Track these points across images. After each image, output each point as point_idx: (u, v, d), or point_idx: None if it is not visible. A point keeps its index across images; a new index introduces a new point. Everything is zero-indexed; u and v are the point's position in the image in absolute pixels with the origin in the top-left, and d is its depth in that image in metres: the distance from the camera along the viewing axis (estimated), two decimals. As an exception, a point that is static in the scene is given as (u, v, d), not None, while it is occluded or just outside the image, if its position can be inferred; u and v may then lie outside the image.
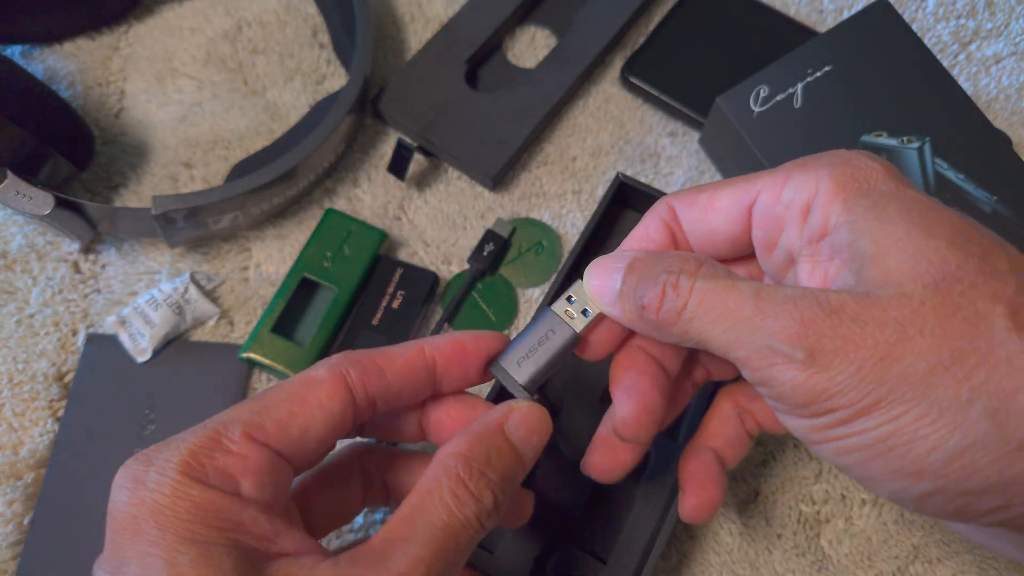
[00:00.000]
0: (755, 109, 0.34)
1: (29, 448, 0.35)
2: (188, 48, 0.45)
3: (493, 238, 0.39)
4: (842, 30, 0.37)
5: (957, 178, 0.34)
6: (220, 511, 0.21)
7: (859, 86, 0.35)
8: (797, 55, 0.36)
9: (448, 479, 0.22)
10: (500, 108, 0.42)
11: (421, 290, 0.38)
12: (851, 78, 0.35)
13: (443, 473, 0.23)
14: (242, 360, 0.37)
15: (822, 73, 0.35)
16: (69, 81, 0.44)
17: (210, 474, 0.21)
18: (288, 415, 0.23)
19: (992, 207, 0.33)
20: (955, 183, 0.34)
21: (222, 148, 0.42)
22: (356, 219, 0.39)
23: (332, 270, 0.38)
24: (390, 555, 0.21)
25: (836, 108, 0.35)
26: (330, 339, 0.37)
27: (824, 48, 0.36)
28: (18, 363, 0.37)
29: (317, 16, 0.46)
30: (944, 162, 0.34)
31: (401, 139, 0.40)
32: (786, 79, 0.35)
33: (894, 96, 0.35)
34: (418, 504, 0.22)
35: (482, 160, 0.40)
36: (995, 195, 0.33)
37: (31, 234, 0.40)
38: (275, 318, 0.37)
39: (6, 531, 0.34)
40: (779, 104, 0.34)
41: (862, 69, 0.36)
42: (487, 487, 0.23)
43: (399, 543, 0.21)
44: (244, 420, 0.22)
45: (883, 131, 0.34)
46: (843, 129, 0.34)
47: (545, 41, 0.45)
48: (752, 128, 0.34)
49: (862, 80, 0.35)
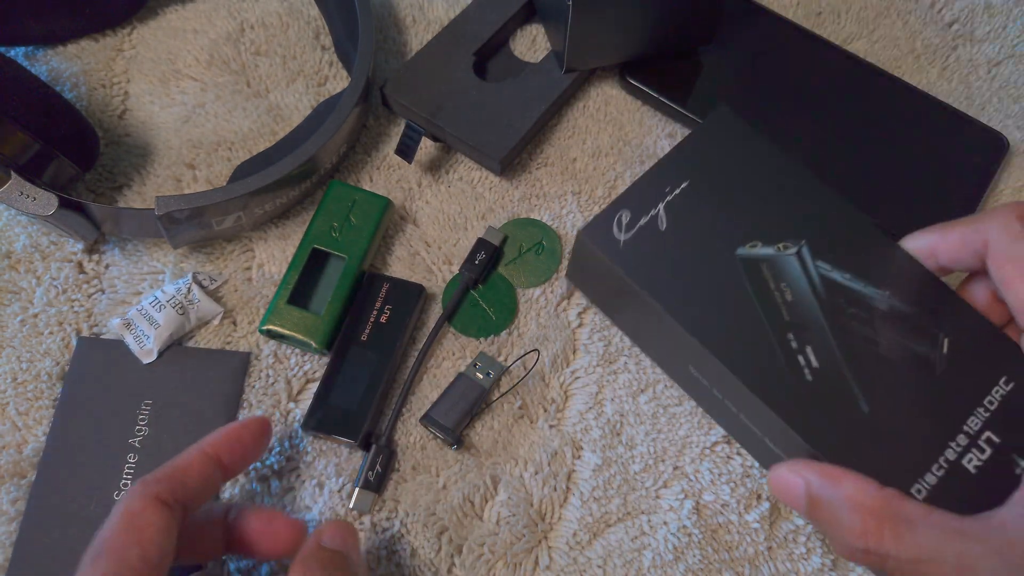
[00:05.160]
0: (620, 238, 0.32)
1: (33, 447, 0.36)
2: (191, 50, 0.45)
3: (484, 247, 0.40)
4: (691, 142, 0.35)
5: (844, 278, 0.32)
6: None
7: (720, 197, 0.33)
8: (653, 173, 0.34)
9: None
10: (508, 95, 0.42)
11: (409, 304, 0.38)
12: (710, 190, 0.33)
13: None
14: (263, 332, 0.37)
15: (680, 191, 0.33)
16: (73, 82, 0.44)
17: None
18: (130, 548, 0.27)
19: (888, 303, 0.31)
20: (844, 284, 0.31)
21: (225, 149, 0.43)
22: (360, 188, 0.40)
23: (341, 239, 0.39)
24: None
25: (703, 224, 0.33)
26: (344, 306, 0.38)
27: (677, 163, 0.34)
28: (22, 362, 0.37)
29: (319, 18, 0.46)
30: (825, 264, 0.32)
31: (409, 122, 0.41)
32: (646, 201, 0.33)
33: (758, 201, 0.33)
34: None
35: (490, 144, 0.41)
36: (886, 290, 0.31)
37: (35, 234, 0.40)
38: (290, 290, 0.38)
39: (9, 529, 0.34)
40: (644, 228, 0.32)
41: (719, 179, 0.34)
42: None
43: None
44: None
45: (757, 241, 0.32)
46: (716, 245, 0.32)
47: (548, 40, 0.46)
48: (621, 258, 0.32)
49: (722, 191, 0.33)
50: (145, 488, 0.28)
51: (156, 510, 0.27)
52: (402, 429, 0.37)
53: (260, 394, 0.37)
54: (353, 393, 0.36)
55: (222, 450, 0.31)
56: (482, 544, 0.35)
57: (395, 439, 0.37)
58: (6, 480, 0.35)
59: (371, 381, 0.36)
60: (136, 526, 0.27)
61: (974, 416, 0.29)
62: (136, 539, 0.27)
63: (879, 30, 0.47)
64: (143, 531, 0.27)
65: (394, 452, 0.36)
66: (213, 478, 0.30)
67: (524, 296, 0.40)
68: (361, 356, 0.37)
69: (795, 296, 0.31)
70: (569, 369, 0.38)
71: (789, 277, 0.32)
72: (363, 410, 0.36)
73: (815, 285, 0.31)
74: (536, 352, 0.38)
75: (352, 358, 0.37)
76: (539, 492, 0.36)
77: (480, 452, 0.36)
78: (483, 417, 0.37)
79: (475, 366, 0.37)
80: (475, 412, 0.36)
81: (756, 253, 0.32)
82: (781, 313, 0.31)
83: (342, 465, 0.36)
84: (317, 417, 0.36)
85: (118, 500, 0.29)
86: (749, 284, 0.31)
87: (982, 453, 0.29)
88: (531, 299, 0.40)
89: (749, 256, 0.32)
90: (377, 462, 0.35)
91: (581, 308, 0.39)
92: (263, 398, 0.37)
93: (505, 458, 0.36)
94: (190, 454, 0.30)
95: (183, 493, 0.29)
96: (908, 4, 0.47)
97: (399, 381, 0.38)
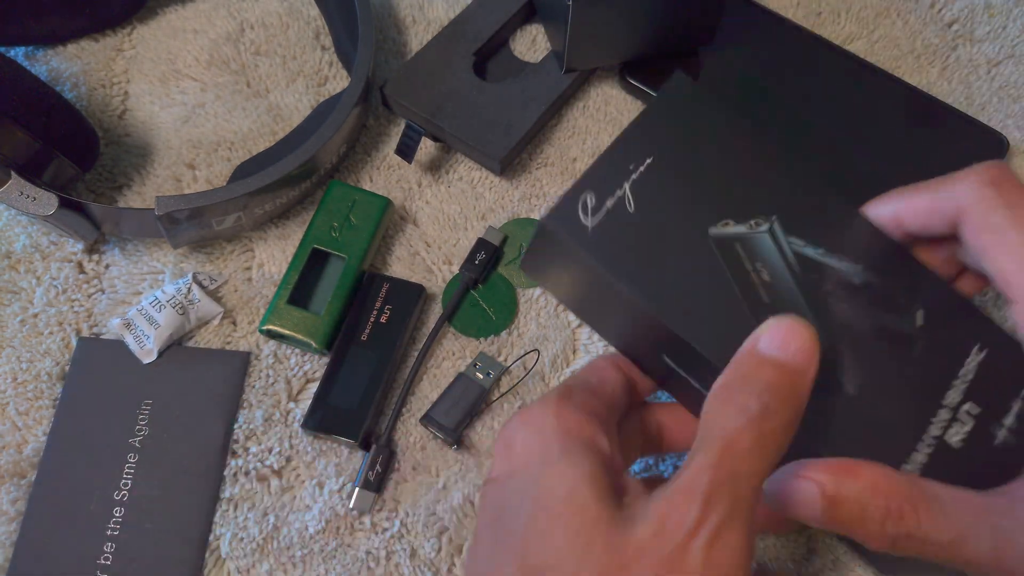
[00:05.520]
0: (588, 224, 0.30)
1: (33, 447, 0.36)
2: (191, 50, 0.45)
3: (484, 247, 0.40)
4: (650, 114, 0.32)
5: (817, 254, 0.31)
6: (585, 428, 0.27)
7: (686, 172, 0.31)
8: (614, 150, 0.31)
9: (715, 402, 0.25)
10: (508, 95, 0.42)
11: (409, 304, 0.38)
12: (676, 165, 0.31)
13: (710, 401, 0.26)
14: (263, 332, 0.37)
15: (644, 168, 0.31)
16: (73, 82, 0.44)
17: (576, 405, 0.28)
18: (597, 382, 0.30)
19: (862, 277, 0.30)
20: (817, 260, 0.30)
21: (225, 149, 0.43)
22: (360, 188, 0.40)
23: (341, 239, 0.39)
24: (686, 466, 0.24)
25: (672, 203, 0.31)
26: (344, 306, 0.38)
27: (638, 138, 0.32)
28: (22, 362, 0.37)
29: (319, 18, 0.46)
30: (798, 239, 0.31)
31: (409, 122, 0.41)
32: (611, 181, 0.31)
33: (724, 174, 0.32)
34: (700, 431, 0.25)
35: (490, 143, 0.41)
36: (859, 264, 0.31)
37: (35, 234, 0.40)
38: (290, 290, 0.38)
39: (9, 529, 0.34)
40: (612, 212, 0.30)
41: (683, 153, 0.32)
42: (750, 397, 0.24)
43: (691, 455, 0.24)
44: (570, 385, 0.29)
45: (728, 219, 0.31)
46: (688, 225, 0.31)
47: (548, 41, 0.46)
48: (592, 246, 0.29)
49: (687, 165, 0.32)
50: (604, 357, 0.31)
51: (616, 370, 0.31)
52: (402, 429, 0.37)
53: (260, 394, 0.37)
54: (353, 393, 0.36)
55: (626, 365, 0.32)
56: (482, 544, 0.35)
57: (395, 439, 0.37)
58: (6, 480, 0.35)
59: (371, 381, 0.36)
60: (601, 376, 0.30)
61: (952, 389, 0.29)
62: (600, 379, 0.30)
63: (879, 30, 0.47)
64: (607, 380, 0.30)
65: (394, 452, 0.36)
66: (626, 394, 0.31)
67: (524, 296, 0.40)
68: (361, 356, 0.37)
69: (772, 276, 0.30)
70: (569, 369, 0.38)
71: (763, 256, 0.30)
72: (363, 410, 0.36)
73: (790, 263, 0.30)
74: (536, 352, 0.38)
75: (352, 358, 0.37)
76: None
77: (480, 452, 0.36)
78: (483, 417, 0.37)
79: (475, 366, 0.37)
80: (475, 412, 0.36)
81: (728, 232, 0.31)
82: (760, 295, 0.30)
83: (342, 465, 0.36)
84: (317, 417, 0.36)
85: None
86: (725, 265, 0.30)
87: (964, 426, 0.28)
88: (531, 299, 0.40)
89: (722, 235, 0.30)
90: (377, 462, 0.35)
91: (581, 308, 0.39)
92: (263, 398, 0.37)
93: (505, 458, 0.36)
94: (603, 358, 0.32)
95: (628, 370, 0.31)
96: (908, 4, 0.47)
97: (399, 381, 0.38)
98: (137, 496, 0.35)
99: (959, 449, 0.28)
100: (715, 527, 0.22)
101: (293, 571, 0.34)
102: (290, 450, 0.36)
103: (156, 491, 0.35)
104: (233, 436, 0.36)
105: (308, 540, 0.35)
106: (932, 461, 0.28)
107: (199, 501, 0.35)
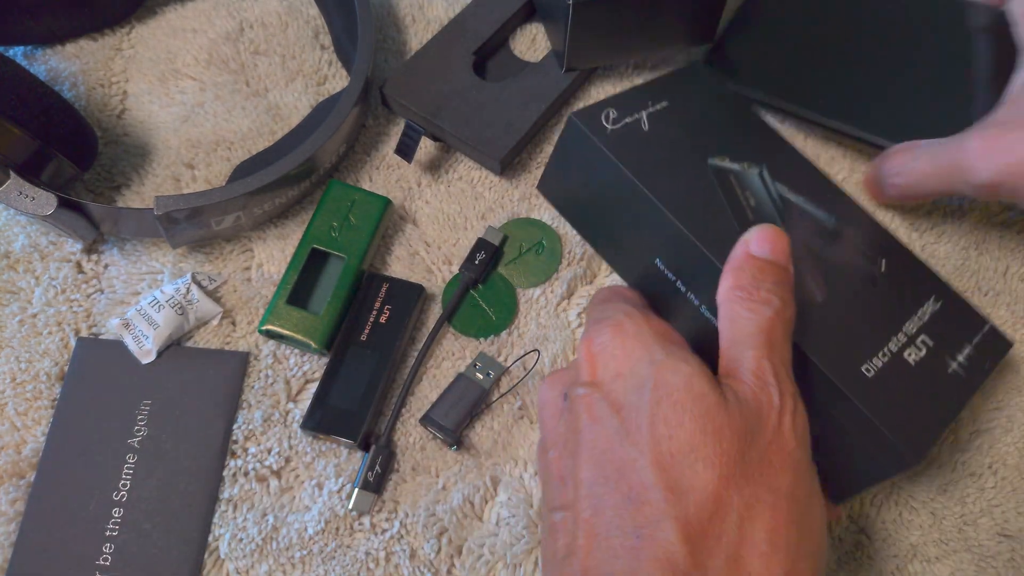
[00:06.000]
0: (608, 127, 0.35)
1: (32, 447, 0.36)
2: (190, 49, 0.45)
3: (484, 246, 0.40)
4: (668, 79, 0.38)
5: (798, 200, 0.36)
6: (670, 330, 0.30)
7: (695, 121, 0.37)
8: (635, 90, 0.37)
9: (738, 303, 0.29)
10: (508, 95, 0.42)
11: (409, 304, 0.38)
12: (686, 113, 0.37)
13: (732, 302, 0.29)
14: (262, 332, 0.37)
15: (660, 107, 0.37)
16: (72, 82, 0.44)
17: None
18: (636, 299, 0.34)
19: (835, 226, 0.36)
20: (798, 204, 0.36)
21: (224, 149, 0.43)
22: (359, 188, 0.40)
23: (340, 239, 0.39)
24: (738, 359, 0.28)
25: (680, 136, 0.36)
26: (344, 306, 0.38)
27: (658, 88, 0.38)
28: (21, 363, 0.37)
29: (318, 18, 0.46)
30: (784, 185, 0.36)
31: (409, 122, 0.41)
32: (630, 107, 0.36)
33: (728, 132, 0.37)
34: (730, 335, 0.29)
35: (490, 143, 0.41)
36: (834, 216, 0.36)
37: (34, 234, 0.40)
38: (289, 290, 0.38)
39: (8, 530, 0.34)
40: (629, 126, 0.36)
41: (694, 111, 0.37)
42: (769, 294, 0.29)
43: (736, 347, 0.28)
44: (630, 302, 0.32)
45: (726, 156, 0.36)
46: (691, 153, 0.36)
47: (548, 40, 0.46)
48: (609, 142, 0.35)
49: (696, 116, 0.37)
50: (612, 287, 0.36)
51: (630, 293, 0.35)
52: (402, 429, 0.37)
53: (259, 394, 0.37)
54: (352, 393, 0.36)
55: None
56: (482, 545, 0.35)
57: (395, 439, 0.37)
58: (5, 480, 0.35)
59: (370, 381, 0.36)
60: (631, 295, 0.34)
61: (910, 321, 0.33)
62: (634, 298, 0.34)
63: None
64: (637, 298, 0.34)
65: (394, 453, 0.36)
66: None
67: (524, 296, 0.40)
68: (360, 356, 0.37)
69: (758, 204, 0.35)
70: (569, 369, 0.38)
71: (752, 189, 0.35)
72: (362, 410, 0.36)
73: (774, 199, 0.35)
74: (536, 352, 0.38)
75: (351, 358, 0.37)
76: (539, 493, 0.36)
77: (480, 452, 0.36)
78: (483, 417, 0.37)
79: (475, 366, 0.37)
80: (475, 412, 0.36)
81: (725, 165, 0.36)
82: (747, 215, 0.34)
83: (341, 465, 0.36)
84: (316, 417, 0.36)
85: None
86: (719, 187, 0.35)
87: (919, 351, 0.32)
88: (531, 299, 0.39)
89: (720, 167, 0.35)
90: (376, 462, 0.35)
91: (581, 308, 0.39)
92: (262, 398, 0.37)
93: (505, 459, 0.36)
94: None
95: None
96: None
97: (399, 381, 0.38)
98: (136, 497, 0.35)
99: (914, 366, 0.32)
100: (791, 405, 0.27)
101: (292, 572, 0.34)
102: (289, 451, 0.36)
103: (155, 492, 0.35)
104: (232, 436, 0.36)
105: (307, 541, 0.35)
106: (890, 367, 0.31)
107: (198, 501, 0.35)
